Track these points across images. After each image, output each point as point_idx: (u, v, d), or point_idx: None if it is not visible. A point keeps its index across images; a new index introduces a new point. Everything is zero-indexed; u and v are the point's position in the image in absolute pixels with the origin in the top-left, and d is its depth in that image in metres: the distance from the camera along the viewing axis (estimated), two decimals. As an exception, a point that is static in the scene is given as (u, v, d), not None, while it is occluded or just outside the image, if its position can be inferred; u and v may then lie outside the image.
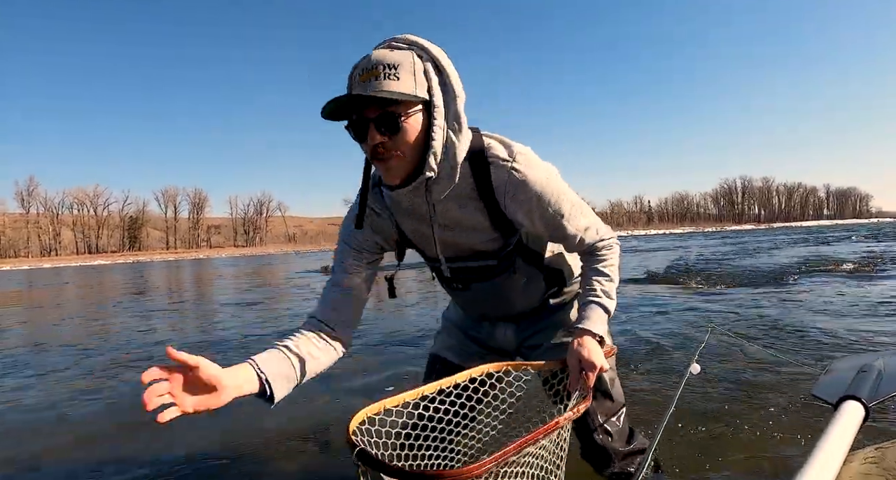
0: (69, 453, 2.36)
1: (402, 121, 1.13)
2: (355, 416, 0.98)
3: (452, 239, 1.37)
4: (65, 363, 4.32)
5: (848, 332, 3.85)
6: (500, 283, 1.49)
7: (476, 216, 1.33)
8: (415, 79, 1.13)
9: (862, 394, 1.44)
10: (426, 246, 1.43)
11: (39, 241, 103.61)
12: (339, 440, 2.31)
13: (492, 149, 1.27)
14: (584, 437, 1.53)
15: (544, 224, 1.34)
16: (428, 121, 1.17)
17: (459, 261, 1.44)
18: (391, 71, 1.11)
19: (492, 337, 1.69)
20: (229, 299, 9.51)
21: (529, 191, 1.28)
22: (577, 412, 1.15)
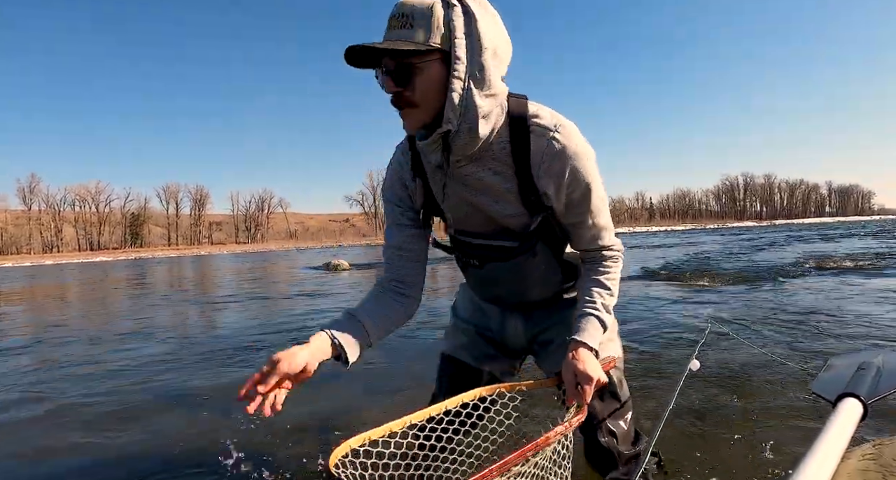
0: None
1: (414, 71, 1.12)
2: (337, 449, 0.94)
3: (477, 204, 1.33)
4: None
5: (848, 329, 3.86)
6: (518, 266, 1.45)
7: (506, 185, 1.29)
8: (433, 27, 1.11)
9: (860, 392, 1.44)
10: (457, 210, 1.39)
11: (41, 238, 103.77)
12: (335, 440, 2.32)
13: (535, 116, 1.24)
14: (588, 438, 1.49)
15: (568, 205, 1.30)
16: (447, 72, 1.14)
17: (481, 238, 1.42)
18: (409, 20, 1.10)
19: (503, 332, 1.66)
20: (265, 293, 9.55)
21: (565, 165, 1.24)
22: (569, 426, 1.11)
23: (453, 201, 1.36)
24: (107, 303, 9.45)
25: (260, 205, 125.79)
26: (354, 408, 2.66)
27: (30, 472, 2.17)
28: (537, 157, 1.24)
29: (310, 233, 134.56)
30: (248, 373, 3.25)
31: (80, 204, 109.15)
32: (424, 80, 1.13)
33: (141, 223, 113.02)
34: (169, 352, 4.38)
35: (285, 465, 2.06)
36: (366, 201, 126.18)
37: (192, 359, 4.05)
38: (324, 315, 6.13)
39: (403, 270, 1.43)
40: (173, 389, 3.23)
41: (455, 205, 1.37)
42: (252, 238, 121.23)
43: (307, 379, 1.15)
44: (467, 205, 1.35)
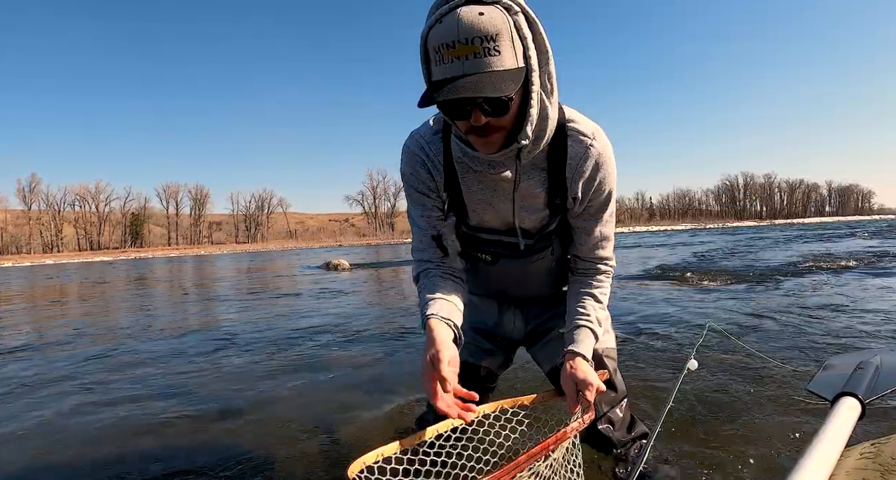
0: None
1: (511, 102, 1.06)
2: (352, 465, 0.95)
3: (504, 204, 1.35)
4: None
5: (847, 329, 3.86)
6: (531, 262, 1.48)
7: (538, 188, 1.31)
8: (513, 47, 1.02)
9: (859, 391, 1.45)
10: (480, 209, 1.39)
11: (41, 238, 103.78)
12: (336, 441, 2.32)
13: (573, 121, 1.26)
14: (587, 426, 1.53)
15: (586, 209, 1.35)
16: (525, 87, 1.09)
17: (496, 235, 1.43)
18: (491, 44, 0.98)
19: (500, 326, 1.67)
20: (289, 290, 9.54)
21: (597, 171, 1.28)
22: (582, 422, 1.15)
23: (478, 199, 1.36)
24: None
25: (260, 204, 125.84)
26: (354, 407, 2.66)
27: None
28: (574, 162, 1.27)
29: (310, 233, 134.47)
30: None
31: (80, 204, 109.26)
32: (515, 103, 1.09)
33: (141, 223, 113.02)
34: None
35: (288, 472, 2.06)
36: (366, 201, 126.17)
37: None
38: (328, 313, 6.13)
39: (445, 255, 1.43)
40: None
41: (479, 203, 1.37)
42: (252, 238, 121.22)
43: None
44: (492, 204, 1.36)
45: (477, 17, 0.98)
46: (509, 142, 1.16)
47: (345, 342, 4.43)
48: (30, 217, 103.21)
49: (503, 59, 1.00)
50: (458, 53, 0.99)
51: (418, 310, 1.34)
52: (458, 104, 1.05)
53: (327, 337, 4.70)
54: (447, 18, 1.00)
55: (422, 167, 1.37)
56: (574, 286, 1.47)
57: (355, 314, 6.10)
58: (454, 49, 0.99)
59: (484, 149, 1.16)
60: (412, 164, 1.38)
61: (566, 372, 1.28)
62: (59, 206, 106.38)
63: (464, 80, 0.98)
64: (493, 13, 0.99)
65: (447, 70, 1.01)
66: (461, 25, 0.98)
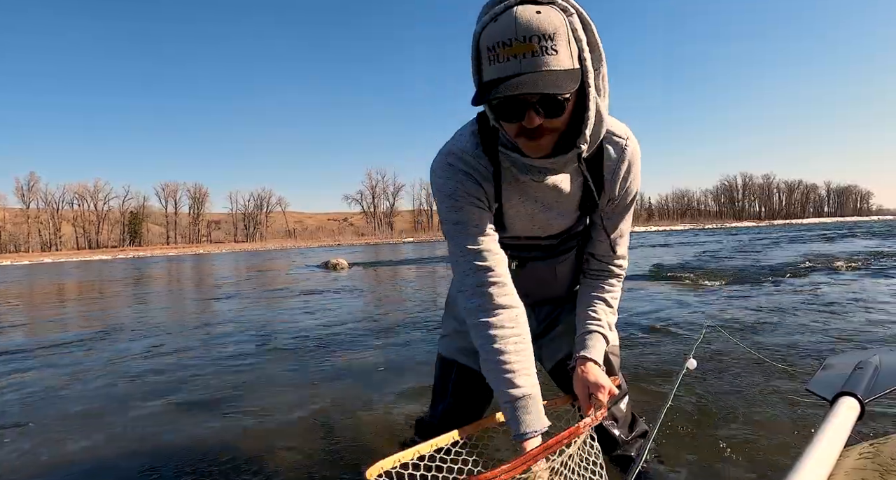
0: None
1: (567, 102, 1.03)
2: (370, 468, 0.97)
3: (540, 211, 1.35)
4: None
5: (845, 328, 3.87)
6: (556, 264, 1.48)
7: (575, 191, 1.32)
8: (570, 47, 1.00)
9: (858, 391, 1.44)
10: (519, 220, 1.36)
11: (40, 237, 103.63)
12: (339, 443, 2.32)
13: (609, 125, 1.25)
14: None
15: (614, 208, 1.36)
16: (581, 89, 1.06)
17: (526, 240, 1.43)
18: (548, 43, 0.96)
19: None
20: (288, 289, 9.53)
21: (630, 172, 1.30)
22: (595, 419, 1.15)
23: (516, 212, 1.36)
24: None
25: (259, 203, 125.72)
26: (352, 406, 2.65)
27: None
28: (612, 164, 1.27)
29: (308, 232, 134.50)
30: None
31: (78, 202, 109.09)
32: (570, 104, 1.06)
33: (140, 222, 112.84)
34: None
35: (286, 470, 2.05)
36: (364, 200, 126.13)
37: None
38: (327, 312, 6.13)
39: (503, 279, 1.28)
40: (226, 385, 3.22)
41: (518, 215, 1.37)
42: (251, 237, 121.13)
43: None
44: (530, 214, 1.36)
45: (535, 16, 0.97)
46: (562, 145, 1.14)
47: (343, 341, 4.43)
48: (28, 215, 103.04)
49: (560, 58, 0.99)
50: (516, 51, 0.97)
51: (493, 379, 1.24)
52: (512, 104, 1.03)
53: (326, 336, 4.70)
54: (503, 17, 0.98)
55: (468, 179, 1.27)
56: (586, 289, 1.46)
57: (353, 313, 6.10)
58: (511, 47, 0.97)
59: (533, 153, 1.13)
60: (457, 178, 1.27)
61: (578, 375, 1.29)
62: (57, 205, 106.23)
63: (521, 78, 0.97)
64: (551, 12, 0.98)
65: (503, 69, 0.99)
66: (519, 23, 0.96)
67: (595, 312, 1.40)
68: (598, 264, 1.45)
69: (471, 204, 1.27)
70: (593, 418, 1.15)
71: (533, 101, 1.01)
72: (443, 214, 1.30)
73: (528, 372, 1.21)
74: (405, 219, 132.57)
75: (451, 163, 1.27)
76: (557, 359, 1.59)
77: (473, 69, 1.08)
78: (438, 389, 1.73)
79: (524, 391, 1.19)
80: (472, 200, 1.27)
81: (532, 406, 1.19)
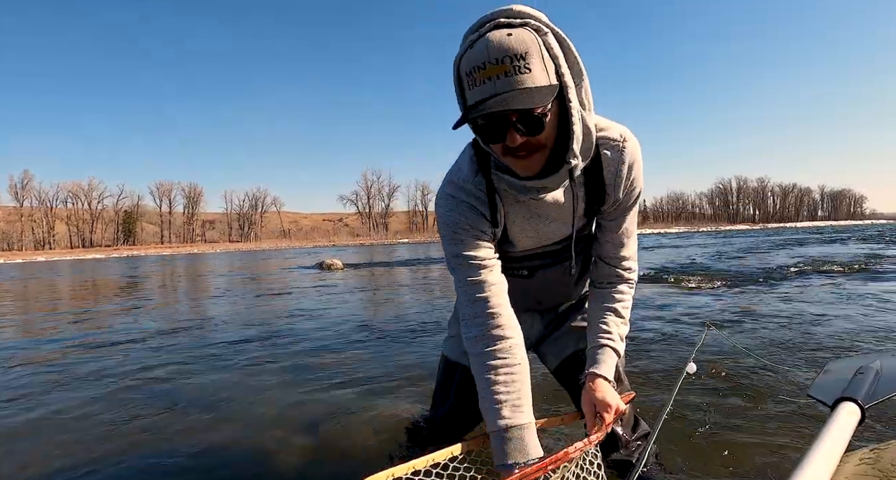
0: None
1: (545, 118, 1.05)
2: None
3: (545, 225, 1.35)
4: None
5: (846, 333, 3.87)
6: (566, 269, 1.48)
7: (578, 203, 1.32)
8: (545, 64, 1.03)
9: (858, 396, 1.44)
10: (525, 236, 1.37)
11: (33, 235, 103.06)
12: (338, 443, 2.31)
13: (601, 129, 1.26)
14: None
15: (617, 207, 1.35)
16: (562, 105, 1.09)
17: (530, 252, 1.43)
18: (520, 62, 1.00)
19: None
20: (282, 289, 9.48)
21: (631, 172, 1.30)
22: (588, 443, 1.14)
23: (523, 229, 1.36)
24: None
25: (254, 203, 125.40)
26: (344, 408, 2.64)
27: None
28: (612, 169, 1.27)
29: (303, 233, 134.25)
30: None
31: (72, 201, 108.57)
32: (552, 122, 1.08)
33: (134, 221, 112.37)
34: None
35: (277, 472, 2.04)
36: (360, 201, 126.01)
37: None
38: (321, 313, 6.10)
39: (500, 309, 1.29)
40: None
41: (524, 232, 1.37)
42: (246, 237, 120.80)
43: None
44: (534, 230, 1.36)
45: (506, 38, 1.00)
46: (553, 163, 1.15)
47: (336, 342, 4.42)
48: (22, 214, 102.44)
49: (534, 76, 1.01)
50: (489, 74, 1.01)
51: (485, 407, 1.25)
52: (494, 125, 1.06)
53: (319, 337, 4.69)
54: (478, 43, 1.03)
55: (470, 210, 1.30)
56: (596, 299, 1.45)
57: (347, 314, 6.08)
58: (485, 70, 1.01)
59: (523, 172, 1.15)
60: (461, 212, 1.30)
61: (586, 393, 1.29)
62: (51, 203, 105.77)
63: (496, 99, 1.00)
64: (522, 33, 1.02)
65: (480, 92, 1.02)
66: (490, 46, 1.01)
67: (606, 324, 1.39)
68: (607, 269, 1.43)
69: (472, 237, 1.31)
70: (585, 442, 1.13)
71: (512, 120, 1.04)
72: (445, 245, 1.34)
73: (517, 403, 1.21)
74: (400, 219, 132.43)
75: (452, 194, 1.31)
76: (562, 358, 1.59)
77: (458, 96, 1.11)
78: (441, 390, 1.73)
79: (508, 422, 1.19)
80: (474, 233, 1.30)
81: (516, 437, 1.18)
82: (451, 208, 1.31)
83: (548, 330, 1.67)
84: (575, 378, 1.54)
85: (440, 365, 1.75)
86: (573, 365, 1.56)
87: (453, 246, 1.31)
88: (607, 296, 1.42)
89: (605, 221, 1.38)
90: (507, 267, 1.46)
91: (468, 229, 1.30)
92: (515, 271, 1.48)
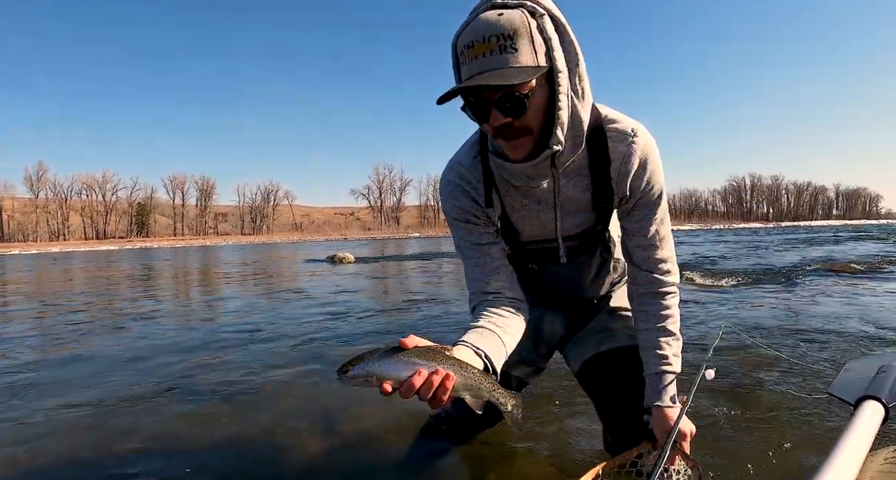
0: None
1: (528, 99, 1.04)
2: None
3: (550, 217, 1.33)
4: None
5: (865, 332, 3.83)
6: (579, 266, 1.46)
7: (584, 195, 1.29)
8: (533, 46, 1.03)
9: (882, 394, 1.42)
10: (527, 223, 1.36)
11: (48, 226, 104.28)
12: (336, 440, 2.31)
13: (612, 122, 1.24)
14: (616, 430, 1.49)
15: (635, 206, 1.30)
16: (551, 89, 1.08)
17: (541, 244, 1.41)
18: (507, 42, 1.01)
19: (539, 328, 1.64)
20: (294, 282, 9.54)
21: (645, 168, 1.25)
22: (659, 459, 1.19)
23: (523, 215, 1.35)
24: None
25: (266, 196, 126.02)
26: (355, 402, 2.64)
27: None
28: (618, 163, 1.23)
29: (315, 226, 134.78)
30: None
31: (87, 192, 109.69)
32: (537, 104, 1.07)
33: (147, 213, 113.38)
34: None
35: (289, 465, 2.04)
36: (371, 195, 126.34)
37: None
38: (331, 306, 6.12)
39: (499, 287, 1.34)
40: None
41: (524, 218, 1.35)
42: (258, 230, 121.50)
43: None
44: (537, 217, 1.34)
45: (496, 18, 1.02)
46: (540, 148, 1.14)
47: (347, 334, 4.43)
48: (37, 205, 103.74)
49: (520, 56, 1.02)
50: (477, 52, 1.02)
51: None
52: (477, 104, 1.07)
53: (330, 329, 4.71)
54: (472, 22, 1.05)
55: (464, 195, 1.33)
56: (643, 319, 1.39)
57: (357, 308, 6.09)
58: (474, 48, 1.03)
59: (511, 154, 1.15)
60: (455, 196, 1.35)
61: (659, 424, 1.33)
62: (65, 195, 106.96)
63: (478, 76, 1.02)
64: (513, 14, 1.02)
65: (468, 70, 1.04)
66: (480, 25, 1.03)
67: (659, 347, 1.35)
68: (643, 275, 1.36)
69: (468, 222, 1.34)
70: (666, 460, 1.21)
71: (494, 99, 1.04)
72: (451, 230, 1.42)
73: (470, 342, 1.12)
74: (412, 214, 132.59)
75: (449, 179, 1.35)
76: (583, 360, 1.57)
77: (455, 74, 1.12)
78: None
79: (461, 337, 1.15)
80: (470, 218, 1.34)
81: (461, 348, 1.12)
82: (450, 193, 1.35)
83: (569, 331, 1.66)
84: (596, 383, 1.54)
85: None
86: (594, 369, 1.55)
87: (456, 230, 1.39)
88: (653, 314, 1.37)
89: (630, 224, 1.34)
90: (517, 260, 1.46)
91: (464, 214, 1.35)
92: (526, 264, 1.46)
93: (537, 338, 1.65)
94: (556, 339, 1.67)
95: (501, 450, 1.98)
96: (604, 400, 1.53)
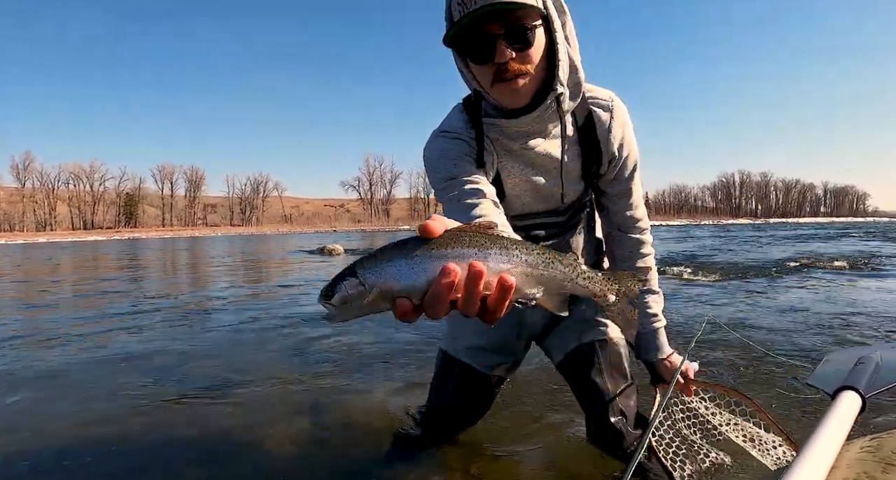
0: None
1: (531, 32, 1.07)
2: None
3: (541, 183, 1.34)
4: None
5: (845, 325, 3.88)
6: (567, 243, 1.49)
7: (573, 161, 1.33)
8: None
9: (859, 385, 1.43)
10: (523, 192, 1.36)
11: (35, 216, 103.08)
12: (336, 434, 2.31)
13: (591, 92, 1.30)
14: (597, 418, 1.52)
15: (620, 171, 1.38)
16: (549, 36, 1.12)
17: (529, 219, 1.42)
18: None
19: (521, 324, 1.63)
20: (284, 275, 9.48)
21: (624, 133, 1.33)
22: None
23: (516, 182, 1.34)
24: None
25: (255, 187, 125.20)
26: (346, 393, 2.64)
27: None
28: (603, 126, 1.29)
29: (305, 218, 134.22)
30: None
31: (74, 182, 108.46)
32: (539, 42, 1.10)
33: (135, 203, 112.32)
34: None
35: (278, 456, 2.03)
36: (361, 187, 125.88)
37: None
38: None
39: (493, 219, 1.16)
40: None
41: (517, 186, 1.35)
42: (247, 221, 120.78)
43: None
44: (530, 184, 1.34)
45: None
46: (541, 96, 1.16)
47: (336, 328, 4.41)
48: (23, 194, 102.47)
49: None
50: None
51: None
52: (481, 41, 1.06)
53: (318, 321, 4.68)
54: None
55: (461, 154, 1.24)
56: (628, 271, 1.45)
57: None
58: None
59: (512, 98, 1.14)
60: (449, 141, 1.26)
61: (665, 371, 1.54)
62: (53, 184, 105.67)
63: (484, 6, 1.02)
64: None
65: (468, 6, 1.03)
66: None
67: (649, 306, 1.50)
68: (627, 239, 1.47)
69: (465, 161, 1.24)
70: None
71: (500, 33, 1.05)
72: (437, 173, 1.24)
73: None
74: (402, 206, 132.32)
75: (442, 135, 1.30)
76: (566, 352, 1.57)
77: (449, 26, 1.11)
78: (438, 385, 1.71)
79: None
80: (465, 158, 1.26)
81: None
82: (442, 141, 1.27)
83: (550, 321, 1.65)
84: (578, 373, 1.55)
85: (438, 359, 1.73)
86: (576, 361, 1.56)
87: (447, 167, 1.22)
88: (640, 267, 1.49)
89: (614, 189, 1.40)
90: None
91: (462, 154, 1.25)
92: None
93: (520, 329, 1.64)
94: (537, 330, 1.66)
95: (481, 449, 1.91)
96: (586, 390, 1.54)
